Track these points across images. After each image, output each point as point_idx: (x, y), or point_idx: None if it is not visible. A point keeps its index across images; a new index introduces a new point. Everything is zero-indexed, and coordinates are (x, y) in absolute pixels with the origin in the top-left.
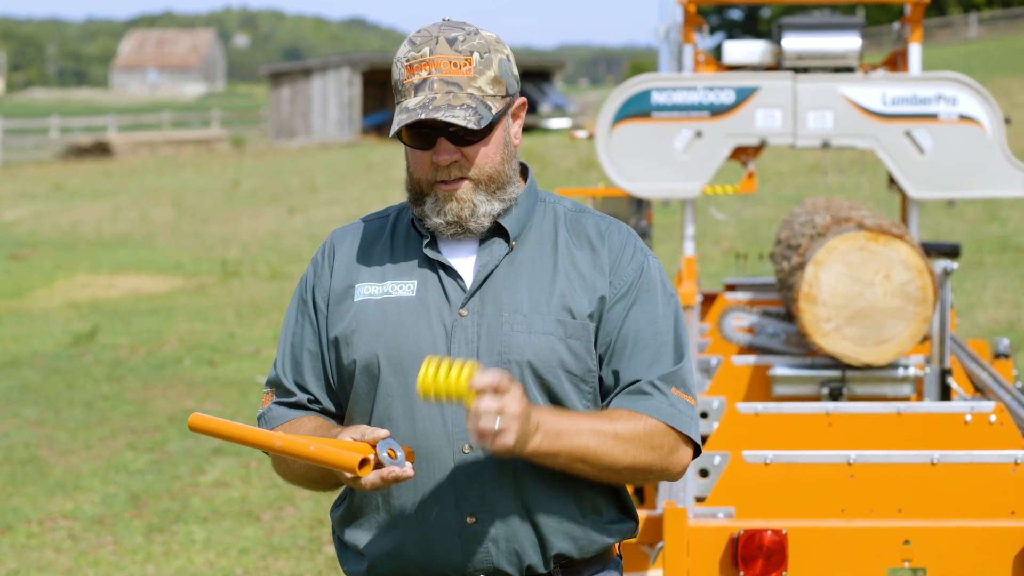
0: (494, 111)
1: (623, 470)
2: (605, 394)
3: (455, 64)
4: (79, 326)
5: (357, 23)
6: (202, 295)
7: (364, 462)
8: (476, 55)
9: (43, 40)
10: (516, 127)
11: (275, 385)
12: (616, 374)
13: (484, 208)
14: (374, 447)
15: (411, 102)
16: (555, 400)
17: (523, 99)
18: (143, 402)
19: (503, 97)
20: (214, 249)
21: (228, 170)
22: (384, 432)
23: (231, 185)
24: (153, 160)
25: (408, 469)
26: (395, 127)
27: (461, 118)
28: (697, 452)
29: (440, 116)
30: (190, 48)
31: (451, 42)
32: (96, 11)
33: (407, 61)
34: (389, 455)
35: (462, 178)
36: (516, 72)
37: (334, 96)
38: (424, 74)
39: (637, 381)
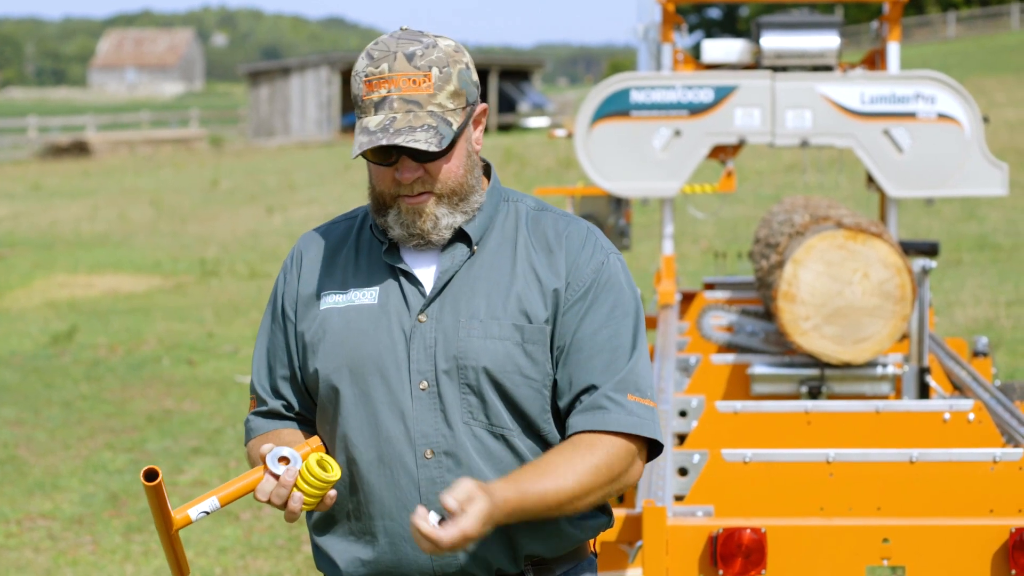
0: (455, 126)
1: (590, 505)
2: (559, 396)
3: (414, 81)
4: (57, 326)
5: (336, 22)
6: (181, 295)
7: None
8: (435, 70)
9: (21, 39)
10: (478, 133)
11: (253, 391)
12: (571, 378)
13: (446, 221)
14: (265, 461)
15: (371, 122)
16: (512, 404)
17: (484, 105)
18: (122, 402)
19: (464, 108)
20: (193, 248)
21: (207, 169)
22: (268, 446)
23: (210, 184)
24: (131, 159)
25: (289, 470)
26: (357, 149)
27: (423, 141)
28: (659, 450)
29: (400, 141)
30: (168, 47)
31: (409, 57)
32: (74, 10)
33: (366, 76)
34: (281, 463)
35: (424, 192)
36: (476, 78)
37: (312, 95)
38: (384, 92)
39: (592, 389)
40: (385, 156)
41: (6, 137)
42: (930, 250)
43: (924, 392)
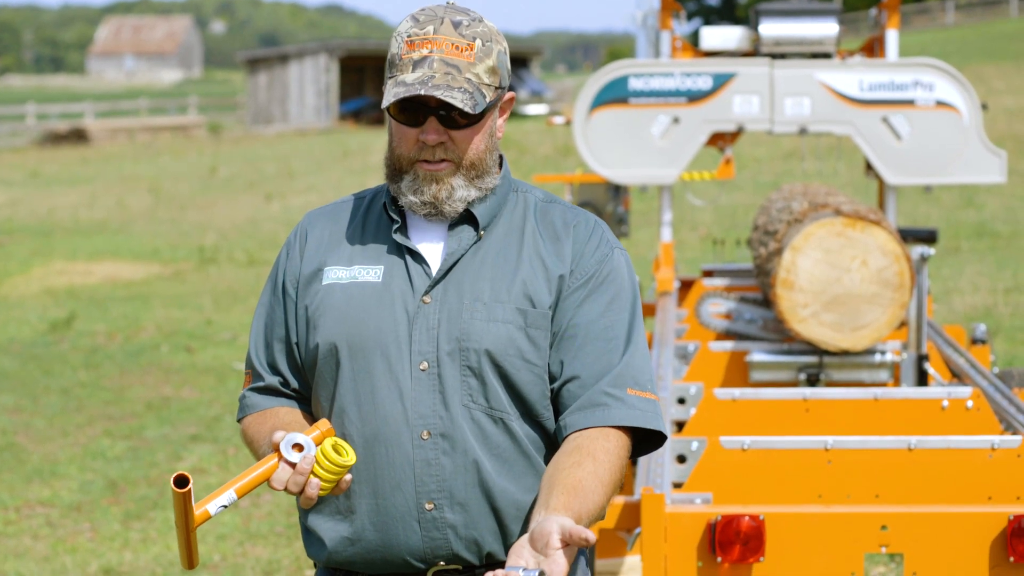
0: (488, 99)
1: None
2: (550, 381)
3: (457, 47)
4: (56, 313)
5: (334, 9)
6: (179, 282)
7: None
8: (479, 42)
9: (19, 26)
10: (501, 121)
11: (249, 366)
12: (562, 364)
13: (461, 193)
14: (278, 449)
15: (408, 77)
16: (512, 388)
17: (512, 94)
18: (120, 389)
19: (496, 88)
20: (191, 235)
21: (205, 156)
22: (280, 433)
23: (208, 171)
24: (130, 147)
25: (305, 457)
26: (390, 99)
27: (459, 100)
28: (663, 441)
29: (439, 94)
30: (167, 34)
31: (456, 25)
32: None
33: (408, 36)
34: (295, 449)
35: (445, 160)
36: (509, 67)
37: (311, 82)
38: (425, 51)
39: (577, 378)
40: (413, 117)
41: (4, 124)
42: (928, 237)
43: (922, 379)
